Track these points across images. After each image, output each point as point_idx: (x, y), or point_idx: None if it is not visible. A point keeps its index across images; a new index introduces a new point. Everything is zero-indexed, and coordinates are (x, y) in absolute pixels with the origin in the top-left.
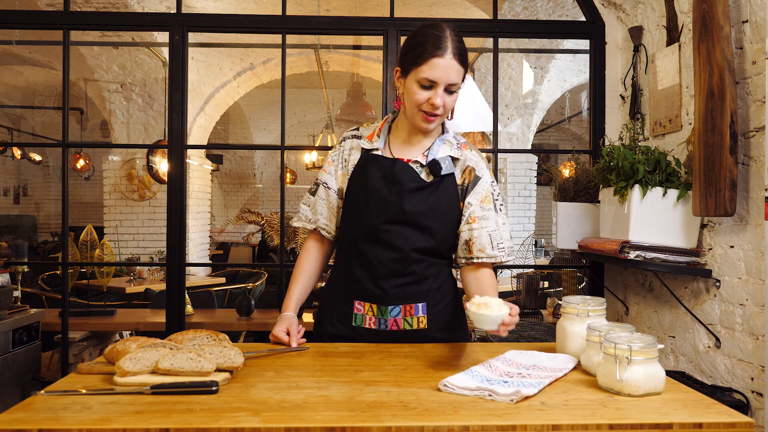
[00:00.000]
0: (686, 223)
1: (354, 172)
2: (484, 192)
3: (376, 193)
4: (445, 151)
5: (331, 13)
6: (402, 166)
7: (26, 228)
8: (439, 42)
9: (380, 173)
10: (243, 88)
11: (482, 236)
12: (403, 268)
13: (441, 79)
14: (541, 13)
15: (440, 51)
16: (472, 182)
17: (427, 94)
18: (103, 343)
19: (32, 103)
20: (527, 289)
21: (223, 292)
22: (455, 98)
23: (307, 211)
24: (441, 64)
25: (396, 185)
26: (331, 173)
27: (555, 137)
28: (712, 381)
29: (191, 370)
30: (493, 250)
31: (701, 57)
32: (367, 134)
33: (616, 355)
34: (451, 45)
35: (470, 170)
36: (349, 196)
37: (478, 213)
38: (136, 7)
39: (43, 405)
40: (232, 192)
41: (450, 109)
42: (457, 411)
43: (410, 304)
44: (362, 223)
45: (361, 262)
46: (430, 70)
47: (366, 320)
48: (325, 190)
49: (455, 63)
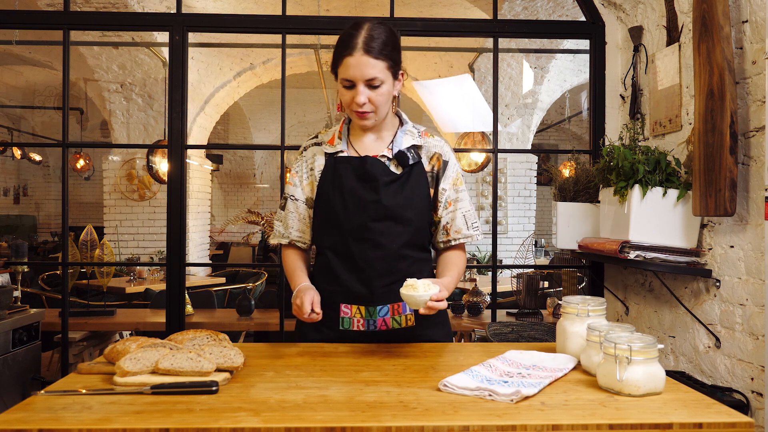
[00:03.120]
0: (686, 223)
1: (323, 177)
2: (454, 175)
3: (353, 192)
4: (408, 141)
5: (331, 13)
6: (372, 162)
7: (26, 228)
8: (347, 41)
9: (353, 172)
10: (243, 88)
11: (457, 218)
12: (391, 266)
13: (356, 77)
14: (541, 13)
15: (348, 50)
16: (442, 167)
17: (350, 94)
18: (103, 343)
19: (32, 103)
20: (527, 289)
21: (223, 292)
22: (384, 92)
23: (280, 227)
24: (352, 63)
25: (371, 181)
26: (297, 184)
27: (555, 137)
28: (712, 381)
29: (191, 370)
30: (469, 230)
31: (701, 57)
32: (327, 139)
33: (616, 355)
34: (362, 41)
35: (438, 156)
36: (323, 202)
37: (453, 196)
38: (136, 7)
39: (43, 405)
40: (232, 192)
41: (381, 104)
42: (457, 411)
43: (398, 303)
44: (343, 226)
45: (346, 265)
46: (344, 70)
47: (354, 323)
48: (293, 202)
49: (367, 58)
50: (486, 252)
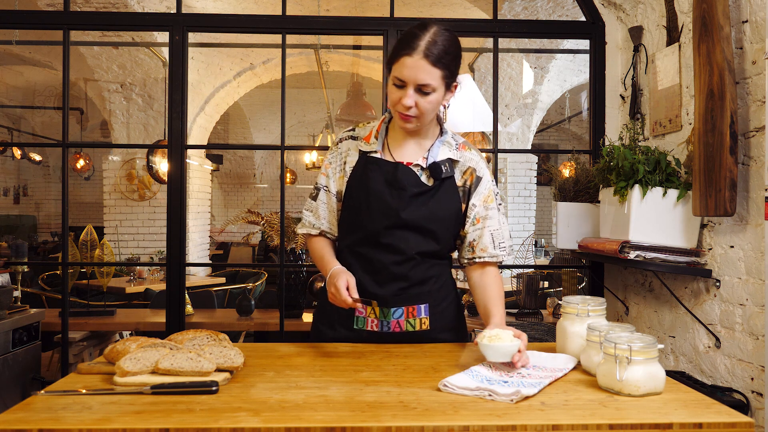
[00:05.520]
0: (686, 223)
1: (353, 174)
2: (486, 192)
3: (379, 197)
4: (445, 153)
5: (331, 13)
6: (404, 170)
7: (26, 228)
8: (411, 41)
9: (382, 177)
10: (243, 88)
11: (485, 236)
12: (406, 271)
13: (409, 79)
14: (541, 13)
15: (409, 50)
16: (474, 183)
17: (399, 93)
18: (103, 343)
19: (32, 103)
20: (527, 289)
21: (223, 292)
22: (432, 100)
23: (310, 217)
24: (409, 63)
25: (399, 190)
26: (330, 176)
27: (555, 137)
28: (712, 381)
29: (191, 370)
30: (495, 250)
31: (701, 57)
32: (364, 135)
33: (616, 355)
34: (424, 44)
35: (471, 171)
36: (350, 200)
37: (482, 213)
38: (136, 7)
39: (43, 405)
40: (232, 192)
41: (427, 112)
42: (457, 411)
43: (413, 306)
44: (364, 228)
45: (362, 266)
46: (399, 68)
47: (368, 322)
48: (326, 193)
49: (425, 63)
50: None
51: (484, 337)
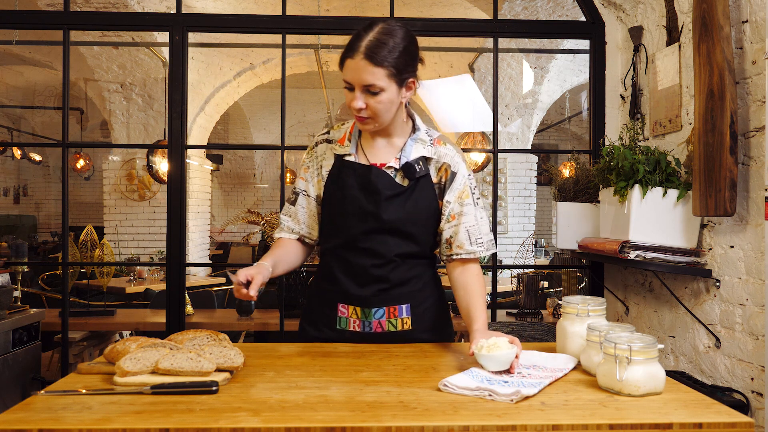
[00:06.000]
0: (686, 223)
1: (329, 179)
2: (461, 187)
3: (355, 202)
4: (419, 150)
5: (331, 13)
6: (377, 173)
7: (26, 228)
8: (353, 42)
9: (356, 181)
10: (243, 88)
11: (460, 233)
12: (386, 273)
13: (354, 81)
14: (541, 13)
15: (351, 52)
16: (449, 179)
17: (349, 96)
18: (103, 343)
19: (32, 103)
20: (527, 289)
21: (223, 292)
22: (383, 100)
23: (289, 222)
24: (351, 66)
25: (374, 193)
26: (309, 180)
27: (555, 137)
28: (712, 381)
29: (191, 370)
30: (472, 246)
31: (701, 57)
32: (338, 138)
33: (616, 355)
34: (365, 45)
35: (446, 167)
36: (327, 205)
37: (457, 209)
38: (136, 7)
39: (43, 405)
40: (232, 192)
41: (379, 111)
42: (457, 411)
43: (394, 306)
44: (342, 233)
45: (342, 268)
46: (344, 71)
47: (350, 323)
48: (305, 198)
49: (366, 64)
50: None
51: (482, 348)
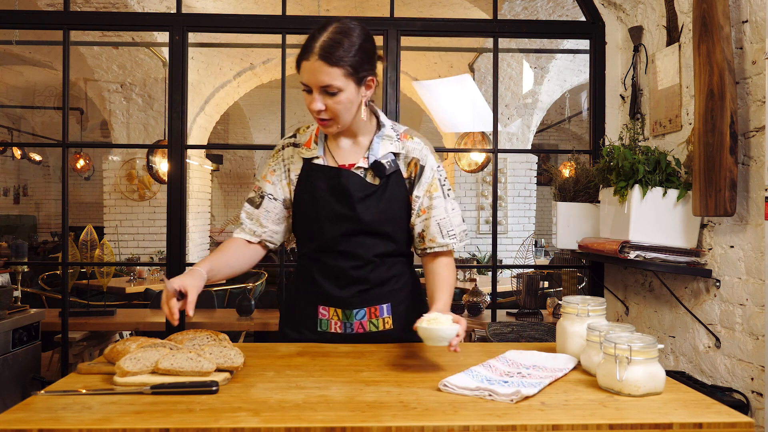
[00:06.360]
0: (686, 223)
1: (299, 184)
2: (430, 180)
3: (327, 206)
4: (386, 147)
5: (331, 13)
6: (347, 175)
7: (26, 228)
8: (308, 44)
9: (327, 185)
10: (243, 88)
11: (431, 226)
12: (366, 274)
13: (311, 83)
14: (541, 13)
15: (306, 54)
16: (418, 174)
17: (308, 98)
18: (103, 343)
19: (32, 103)
20: (527, 289)
21: (223, 292)
22: (342, 100)
23: (251, 225)
24: (306, 68)
25: (346, 196)
26: (276, 183)
27: (555, 137)
28: (712, 381)
29: (191, 370)
30: (444, 239)
31: (701, 57)
32: (304, 141)
33: (616, 355)
34: (319, 46)
35: (415, 162)
36: (299, 210)
37: (426, 203)
38: (136, 7)
39: (43, 405)
40: (232, 192)
41: (339, 112)
42: (457, 411)
43: (374, 306)
44: (318, 237)
45: (321, 271)
46: (301, 74)
47: (331, 325)
48: (271, 201)
49: (321, 65)
50: (486, 252)
51: (423, 321)
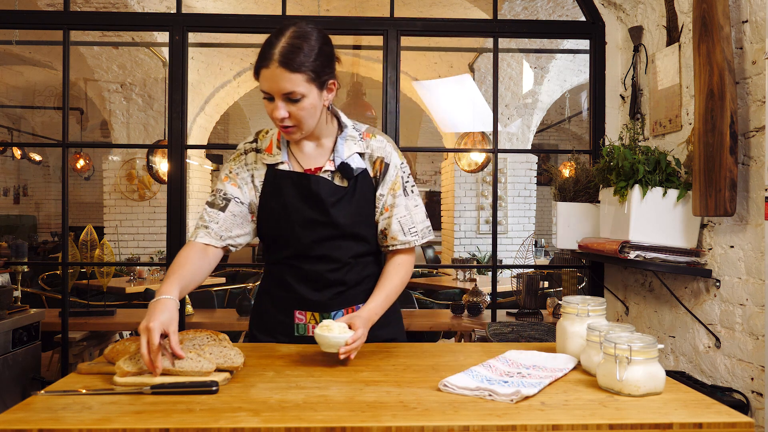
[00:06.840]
0: (686, 223)
1: (264, 190)
2: (393, 178)
3: (299, 213)
4: (351, 148)
5: (331, 13)
6: (316, 180)
7: (26, 228)
8: (266, 50)
9: (296, 191)
10: (243, 88)
11: (393, 224)
12: (342, 276)
13: (272, 90)
14: (541, 13)
15: (265, 61)
16: (383, 172)
17: (270, 106)
18: (103, 343)
19: (32, 103)
20: (527, 289)
21: (223, 292)
22: (305, 106)
23: (216, 228)
24: (267, 75)
25: (317, 202)
26: (241, 186)
27: (555, 137)
28: (712, 381)
29: (191, 370)
30: (406, 236)
31: (701, 57)
32: (265, 146)
33: (616, 355)
34: (278, 52)
35: (380, 161)
36: (269, 217)
37: (390, 201)
38: (136, 7)
39: (43, 405)
40: None
41: (303, 119)
42: (457, 411)
43: (352, 307)
44: (293, 244)
45: (296, 276)
46: (261, 82)
47: (309, 329)
48: (237, 205)
49: (282, 71)
50: (486, 252)
51: (318, 326)
